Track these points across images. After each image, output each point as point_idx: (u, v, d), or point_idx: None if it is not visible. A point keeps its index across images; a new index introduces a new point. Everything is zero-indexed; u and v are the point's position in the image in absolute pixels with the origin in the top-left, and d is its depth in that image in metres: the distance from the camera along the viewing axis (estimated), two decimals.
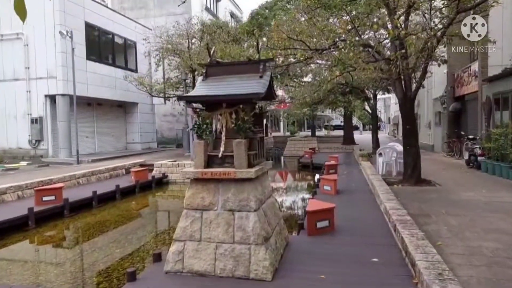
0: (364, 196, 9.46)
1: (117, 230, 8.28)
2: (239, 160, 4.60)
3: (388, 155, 12.20)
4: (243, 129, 4.61)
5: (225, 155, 4.78)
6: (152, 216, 10.14)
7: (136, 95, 23.37)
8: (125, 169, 15.22)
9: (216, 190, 4.72)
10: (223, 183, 4.71)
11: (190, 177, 4.75)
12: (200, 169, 4.71)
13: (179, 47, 20.83)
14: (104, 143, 23.13)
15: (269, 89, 5.00)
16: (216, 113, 4.88)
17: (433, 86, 23.13)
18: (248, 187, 4.61)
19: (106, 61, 22.24)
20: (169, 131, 31.13)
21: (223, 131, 4.82)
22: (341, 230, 6.43)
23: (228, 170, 4.59)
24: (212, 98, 4.73)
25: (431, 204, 7.89)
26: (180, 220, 4.81)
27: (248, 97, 4.56)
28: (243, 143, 4.59)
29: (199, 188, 4.78)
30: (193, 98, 4.86)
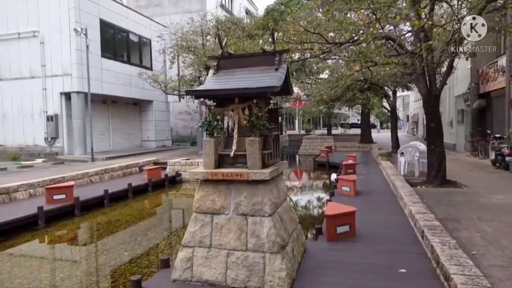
0: (386, 198, 8.94)
1: (127, 231, 8.01)
2: (253, 160, 4.21)
3: (411, 154, 11.60)
4: (257, 126, 4.21)
5: (237, 154, 4.40)
6: (164, 216, 9.85)
7: (151, 93, 23.25)
8: (138, 167, 15.03)
9: (228, 193, 4.34)
10: (235, 185, 4.32)
11: (199, 178, 4.38)
12: (210, 170, 4.34)
13: (194, 44, 20.56)
14: (119, 140, 23.11)
15: (285, 82, 4.58)
16: (228, 109, 4.50)
17: (455, 83, 22.22)
18: (262, 190, 4.21)
19: (121, 59, 22.16)
20: (184, 129, 31.01)
21: (235, 128, 4.44)
22: (363, 235, 5.97)
23: (241, 171, 4.20)
24: (224, 93, 4.34)
25: (459, 207, 7.34)
26: (189, 224, 4.46)
27: (262, 91, 4.16)
28: (256, 141, 4.20)
29: (209, 190, 4.40)
30: (203, 92, 4.48)
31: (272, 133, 4.67)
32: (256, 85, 4.20)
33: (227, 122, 4.63)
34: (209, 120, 4.40)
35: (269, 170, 4.16)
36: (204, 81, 17.15)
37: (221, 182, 4.35)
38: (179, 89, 22.26)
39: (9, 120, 20.02)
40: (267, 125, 4.32)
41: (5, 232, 7.50)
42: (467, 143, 18.76)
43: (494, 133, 15.28)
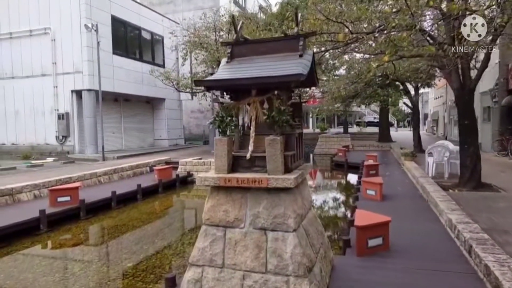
0: (416, 203, 8.12)
1: (134, 238, 7.41)
2: (273, 163, 3.50)
3: (440, 154, 10.72)
4: (278, 122, 3.51)
5: (254, 156, 3.70)
6: (175, 221, 9.22)
7: (163, 90, 22.80)
8: (149, 166, 14.49)
9: (243, 202, 3.65)
10: (252, 193, 3.63)
11: (209, 184, 3.69)
12: (223, 174, 3.65)
13: (206, 40, 19.98)
14: (131, 139, 22.71)
15: (310, 71, 3.86)
16: (244, 103, 3.81)
17: (481, 79, 21.03)
18: (285, 199, 3.51)
19: (133, 56, 21.72)
20: (197, 127, 30.52)
21: (252, 126, 3.74)
22: (397, 249, 5.21)
23: (259, 177, 3.50)
24: (239, 83, 3.64)
25: (504, 215, 6.49)
26: (198, 238, 3.78)
27: (286, 80, 3.44)
28: (278, 141, 3.49)
29: (221, 199, 3.72)
30: (214, 82, 3.79)
31: (295, 131, 3.96)
32: (278, 73, 3.48)
33: (242, 118, 3.93)
34: (222, 115, 3.71)
35: (293, 176, 3.45)
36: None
37: (236, 189, 3.66)
38: (191, 87, 21.72)
39: (21, 118, 19.79)
40: (290, 122, 3.61)
41: (4, 237, 6.99)
42: (495, 142, 17.66)
43: None
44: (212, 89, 3.80)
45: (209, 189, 3.78)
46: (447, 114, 31.80)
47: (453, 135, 29.59)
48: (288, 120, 3.53)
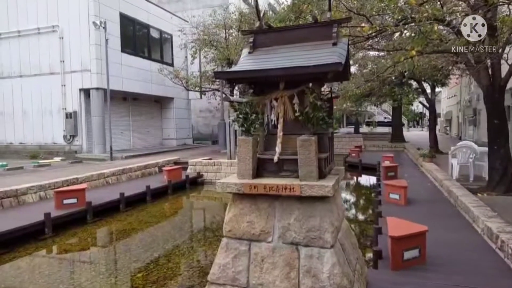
0: (443, 209, 7.58)
1: (143, 244, 6.97)
2: (307, 167, 3.02)
3: (465, 156, 10.12)
4: (313, 120, 3.03)
5: (283, 159, 3.22)
6: (185, 224, 8.77)
7: (172, 89, 22.42)
8: (158, 167, 14.09)
9: (271, 212, 3.17)
10: (281, 202, 3.15)
11: (231, 191, 3.21)
12: (247, 180, 3.18)
13: (216, 38, 19.57)
14: (140, 139, 22.36)
15: (345, 62, 3.37)
16: (270, 98, 3.32)
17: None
18: (321, 210, 3.02)
19: (142, 54, 21.37)
20: (205, 127, 30.13)
21: (280, 124, 3.26)
22: (435, 262, 4.69)
23: (291, 183, 3.01)
24: (266, 74, 3.16)
25: None
26: (218, 252, 3.31)
27: (323, 70, 2.94)
28: (312, 142, 3.01)
29: (245, 208, 3.24)
30: (237, 74, 3.31)
31: (328, 130, 3.47)
32: (314, 63, 2.99)
33: (267, 116, 3.46)
34: (246, 112, 3.23)
35: (331, 183, 2.96)
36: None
37: (262, 197, 3.18)
38: (200, 85, 21.33)
39: (29, 117, 19.54)
40: (326, 119, 3.12)
41: (6, 242, 6.61)
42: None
43: None
44: (235, 82, 3.35)
45: (231, 196, 3.30)
46: (461, 114, 30.99)
47: (467, 135, 28.81)
48: (324, 118, 3.04)
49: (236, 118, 3.27)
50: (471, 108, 27.23)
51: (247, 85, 3.47)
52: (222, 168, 13.41)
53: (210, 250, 6.42)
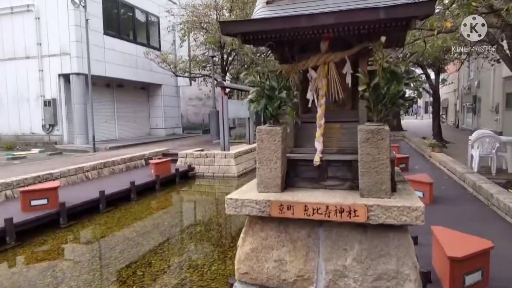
0: (475, 209, 6.55)
1: (125, 257, 5.76)
2: (375, 175, 1.90)
3: (488, 146, 9.12)
4: (386, 98, 1.87)
5: (327, 161, 2.06)
6: (176, 229, 7.54)
7: (160, 75, 21.02)
8: (144, 159, 12.82)
9: (312, 246, 2.03)
10: (329, 230, 2.01)
11: (250, 214, 2.05)
12: (275, 195, 2.02)
13: (206, 19, 18.18)
14: (125, 128, 20.95)
15: None
16: (306, 66, 2.15)
17: (502, 63, 19.44)
18: (397, 245, 1.90)
19: (126, 37, 19.85)
20: (195, 115, 28.81)
21: (321, 106, 2.10)
22: (499, 285, 3.64)
23: (350, 203, 1.87)
24: (308, 23, 1.98)
25: None
26: None
27: (403, 14, 1.78)
28: (386, 134, 1.87)
29: (270, 238, 2.09)
30: (260, 25, 2.12)
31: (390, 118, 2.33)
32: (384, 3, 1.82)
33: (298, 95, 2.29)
34: (272, 87, 2.06)
35: (417, 202, 1.82)
36: (218, 61, 14.70)
37: (298, 220, 2.03)
38: (190, 71, 19.99)
39: (4, 105, 17.98)
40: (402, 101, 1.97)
41: None
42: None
43: None
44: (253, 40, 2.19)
45: (246, 219, 2.14)
46: (459, 102, 30.25)
47: (465, 123, 28.10)
48: (404, 94, 1.88)
49: (256, 97, 2.09)
50: (470, 96, 26.47)
51: (269, 47, 2.28)
52: (215, 161, 12.22)
53: (207, 265, 5.28)
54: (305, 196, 2.01)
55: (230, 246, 5.92)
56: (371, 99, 1.94)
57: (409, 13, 1.80)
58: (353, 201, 1.89)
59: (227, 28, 2.22)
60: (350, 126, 2.22)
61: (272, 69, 2.20)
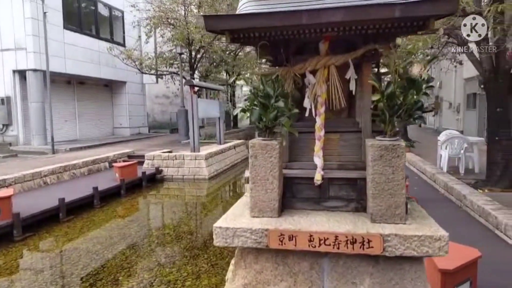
0: (449, 211, 6.59)
1: (86, 272, 5.23)
2: (389, 197, 1.65)
3: (457, 147, 9.30)
4: (403, 109, 1.62)
5: (329, 179, 1.80)
6: (144, 236, 7.08)
7: (124, 72, 20.14)
8: (108, 162, 12.13)
9: (316, 280, 1.75)
10: (335, 261, 1.74)
11: (244, 245, 1.75)
12: (273, 221, 1.73)
13: (173, 15, 17.60)
14: (87, 128, 19.90)
15: None
16: (303, 69, 1.87)
17: (464, 64, 20.27)
18: (413, 277, 1.65)
19: (89, 32, 18.84)
20: (162, 114, 27.95)
21: (321, 115, 1.83)
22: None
23: (363, 233, 1.61)
24: (311, 20, 1.69)
25: None
26: None
27: (422, 12, 1.53)
28: (401, 151, 1.62)
29: (266, 271, 1.80)
30: (254, 20, 1.81)
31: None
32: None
33: (291, 102, 2.01)
34: (267, 94, 1.76)
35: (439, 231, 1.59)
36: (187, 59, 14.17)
37: (298, 252, 1.74)
38: (156, 68, 19.29)
39: None
40: (418, 115, 1.73)
41: None
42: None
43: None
44: (244, 36, 1.89)
45: (237, 251, 1.83)
46: None
47: (428, 123, 29.13)
48: (422, 105, 1.64)
49: (249, 106, 1.78)
50: (432, 95, 27.48)
51: (262, 47, 1.97)
52: (185, 162, 11.75)
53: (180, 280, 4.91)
54: (308, 223, 1.73)
55: (204, 257, 5.57)
56: (385, 110, 1.69)
57: (429, 12, 1.56)
58: (366, 230, 1.64)
59: (213, 24, 1.89)
60: (350, 137, 1.98)
61: (266, 72, 1.91)
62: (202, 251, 5.88)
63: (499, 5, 6.28)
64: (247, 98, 1.85)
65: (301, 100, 2.00)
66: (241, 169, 14.42)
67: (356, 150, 2.03)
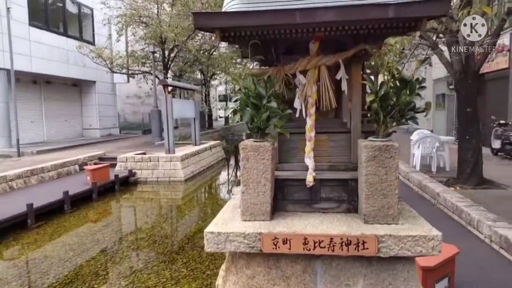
0: (423, 208, 6.70)
1: (58, 282, 4.98)
2: (381, 198, 1.66)
3: (430, 146, 9.58)
4: (395, 110, 1.62)
5: (320, 181, 1.77)
6: (118, 241, 6.84)
7: (94, 72, 19.53)
8: (78, 164, 11.70)
9: (309, 282, 1.72)
10: (328, 263, 1.72)
11: (236, 250, 1.69)
12: (265, 225, 1.68)
13: (146, 13, 17.24)
14: (55, 129, 19.15)
15: None
16: (294, 69, 1.84)
17: (433, 65, 21.01)
18: (406, 277, 1.65)
19: (56, 30, 18.13)
20: (134, 115, 27.30)
21: (311, 116, 1.81)
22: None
23: (358, 234, 1.59)
24: (306, 19, 1.66)
25: None
26: None
27: (418, 13, 1.53)
28: (394, 152, 1.62)
29: (258, 276, 1.76)
30: (245, 19, 1.76)
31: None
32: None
33: (279, 102, 1.97)
34: (259, 94, 1.71)
35: (433, 231, 1.59)
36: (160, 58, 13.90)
37: (291, 255, 1.71)
38: (128, 67, 18.81)
39: None
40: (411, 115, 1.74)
41: None
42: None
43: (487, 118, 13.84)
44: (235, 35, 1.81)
45: (227, 256, 1.78)
46: None
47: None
48: (415, 106, 1.65)
49: (241, 107, 1.73)
50: None
51: (252, 46, 1.92)
52: (159, 164, 11.51)
53: (159, 286, 4.77)
54: (302, 226, 1.70)
55: (182, 262, 5.45)
56: (379, 110, 1.68)
57: (422, 12, 1.57)
58: (360, 231, 1.62)
59: (203, 21, 1.82)
60: (339, 138, 1.97)
61: (257, 72, 1.86)
62: (180, 255, 5.75)
63: (469, 9, 6.50)
64: (237, 99, 1.79)
65: (292, 101, 1.97)
66: (218, 171, 14.30)
67: (345, 151, 2.02)
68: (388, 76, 1.67)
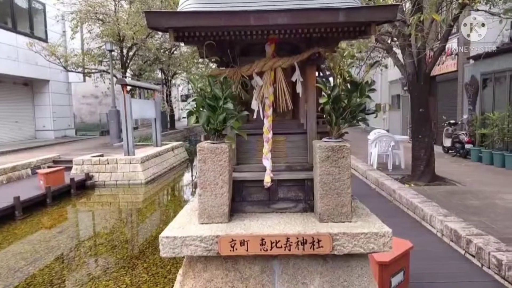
0: (380, 205, 7.01)
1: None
2: (336, 197, 1.71)
3: (384, 145, 9.98)
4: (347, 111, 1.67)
5: (278, 181, 1.80)
6: (74, 248, 6.55)
7: (47, 70, 18.59)
8: (31, 168, 11.08)
9: (268, 283, 1.73)
10: (285, 263, 1.74)
11: (194, 254, 1.67)
12: (223, 228, 1.68)
13: (102, 10, 16.64)
14: (4, 131, 18.01)
15: None
16: (250, 71, 1.85)
17: (389, 68, 21.90)
18: (360, 273, 1.71)
19: (4, 25, 17.08)
20: (91, 115, 26.27)
21: (269, 117, 1.83)
22: (418, 283, 3.85)
23: (313, 233, 1.62)
24: (259, 21, 1.67)
25: (490, 216, 5.66)
26: None
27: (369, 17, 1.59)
28: (347, 152, 1.67)
29: (216, 278, 1.75)
30: (199, 19, 1.74)
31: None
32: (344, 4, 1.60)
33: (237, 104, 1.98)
34: (215, 96, 1.70)
35: (383, 228, 1.66)
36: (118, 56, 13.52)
37: (249, 256, 1.71)
38: (83, 66, 18.07)
39: None
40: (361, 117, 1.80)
41: None
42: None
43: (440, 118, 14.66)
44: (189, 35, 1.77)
45: (184, 260, 1.75)
46: None
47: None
48: (365, 108, 1.70)
49: (197, 109, 1.71)
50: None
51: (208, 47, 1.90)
52: (118, 167, 11.15)
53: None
54: (260, 227, 1.70)
55: (143, 267, 5.31)
56: (332, 112, 1.73)
57: (370, 18, 1.63)
58: (315, 230, 1.66)
59: (155, 21, 1.77)
60: (296, 139, 2.00)
61: (213, 73, 1.85)
62: (141, 260, 5.61)
63: (420, 14, 6.84)
64: (194, 99, 1.77)
65: (249, 102, 1.98)
66: (180, 172, 14.07)
67: (302, 151, 2.07)
68: (340, 79, 1.73)
